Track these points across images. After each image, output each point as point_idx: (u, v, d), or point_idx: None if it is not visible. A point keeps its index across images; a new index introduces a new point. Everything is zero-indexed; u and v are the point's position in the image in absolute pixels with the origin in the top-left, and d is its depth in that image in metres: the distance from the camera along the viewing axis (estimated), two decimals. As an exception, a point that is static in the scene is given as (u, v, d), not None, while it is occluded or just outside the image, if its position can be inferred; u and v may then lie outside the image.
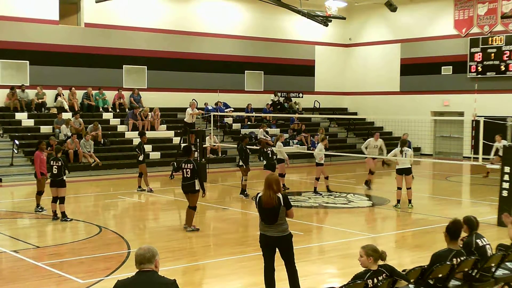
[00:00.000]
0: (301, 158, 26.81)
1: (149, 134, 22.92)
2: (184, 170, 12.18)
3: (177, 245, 11.37)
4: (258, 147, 18.09)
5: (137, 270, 4.82)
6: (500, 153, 19.43)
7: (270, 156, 16.62)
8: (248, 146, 17.79)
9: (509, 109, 26.17)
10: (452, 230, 6.89)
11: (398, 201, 15.29)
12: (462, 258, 6.77)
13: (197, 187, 12.18)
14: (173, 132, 26.00)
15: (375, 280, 6.09)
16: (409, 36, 31.14)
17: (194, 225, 12.47)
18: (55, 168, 13.28)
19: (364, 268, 6.22)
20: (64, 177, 13.32)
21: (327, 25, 26.59)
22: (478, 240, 7.23)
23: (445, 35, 29.77)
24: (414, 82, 30.97)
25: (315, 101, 31.84)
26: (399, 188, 15.26)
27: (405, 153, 15.05)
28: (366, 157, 18.78)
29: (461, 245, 7.10)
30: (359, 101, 33.42)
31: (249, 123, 28.90)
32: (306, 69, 32.58)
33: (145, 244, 4.99)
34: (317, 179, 17.65)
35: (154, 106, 26.22)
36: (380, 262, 6.27)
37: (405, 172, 15.14)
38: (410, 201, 15.30)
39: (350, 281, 6.06)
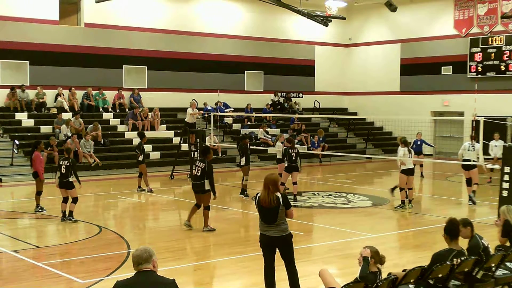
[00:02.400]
0: (301, 158, 26.73)
1: (149, 134, 22.90)
2: (196, 167, 12.23)
3: (177, 245, 11.37)
4: (285, 146, 16.86)
5: (136, 271, 4.84)
6: (494, 151, 19.41)
7: (293, 158, 16.34)
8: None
9: (509, 109, 26.18)
10: (451, 229, 6.88)
11: (403, 201, 15.10)
12: (462, 258, 6.77)
13: (207, 187, 12.20)
14: (173, 132, 25.98)
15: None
16: (409, 36, 31.12)
17: (210, 225, 12.46)
18: (63, 167, 13.16)
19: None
20: (70, 179, 13.20)
21: (327, 25, 26.60)
22: (482, 241, 7.23)
23: (445, 35, 29.76)
24: (414, 82, 30.95)
25: (315, 101, 31.82)
26: (403, 189, 15.14)
27: (412, 153, 15.00)
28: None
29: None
30: (359, 101, 33.40)
31: (249, 123, 28.89)
32: (306, 69, 32.57)
33: (142, 245, 5.01)
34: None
35: (154, 106, 26.21)
36: (378, 265, 6.30)
37: (410, 172, 15.05)
38: (410, 201, 15.24)
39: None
